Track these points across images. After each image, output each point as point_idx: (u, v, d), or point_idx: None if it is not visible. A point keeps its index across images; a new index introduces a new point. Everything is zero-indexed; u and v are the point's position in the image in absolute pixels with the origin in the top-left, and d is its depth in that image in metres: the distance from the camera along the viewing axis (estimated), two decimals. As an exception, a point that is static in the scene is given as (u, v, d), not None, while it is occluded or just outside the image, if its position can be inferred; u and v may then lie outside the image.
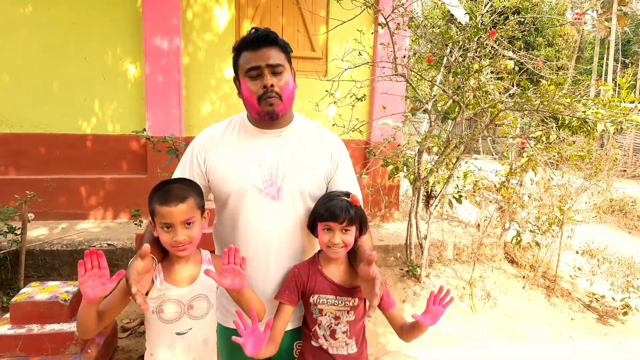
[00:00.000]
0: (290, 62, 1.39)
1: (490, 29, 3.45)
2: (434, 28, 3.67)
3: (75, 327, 2.23)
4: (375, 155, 4.30)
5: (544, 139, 4.06)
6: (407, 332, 1.37)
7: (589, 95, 3.61)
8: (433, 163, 3.97)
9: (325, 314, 1.39)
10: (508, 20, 3.74)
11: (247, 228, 1.40)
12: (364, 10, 3.49)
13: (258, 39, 1.31)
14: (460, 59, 3.47)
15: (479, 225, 4.65)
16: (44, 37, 4.40)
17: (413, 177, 3.97)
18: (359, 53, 3.68)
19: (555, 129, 3.90)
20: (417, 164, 3.84)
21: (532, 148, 3.65)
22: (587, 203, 4.44)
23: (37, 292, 2.36)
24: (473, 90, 3.35)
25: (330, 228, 1.34)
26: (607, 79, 20.59)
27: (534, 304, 3.81)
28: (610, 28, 21.51)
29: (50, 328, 2.23)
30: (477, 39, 3.42)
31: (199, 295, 1.34)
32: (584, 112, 3.20)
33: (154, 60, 4.48)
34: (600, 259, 4.08)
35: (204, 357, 1.38)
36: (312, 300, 1.39)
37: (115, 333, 2.76)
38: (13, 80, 4.43)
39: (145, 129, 3.98)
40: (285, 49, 1.36)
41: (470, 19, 3.61)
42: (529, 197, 4.32)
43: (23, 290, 2.39)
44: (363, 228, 1.39)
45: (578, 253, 4.23)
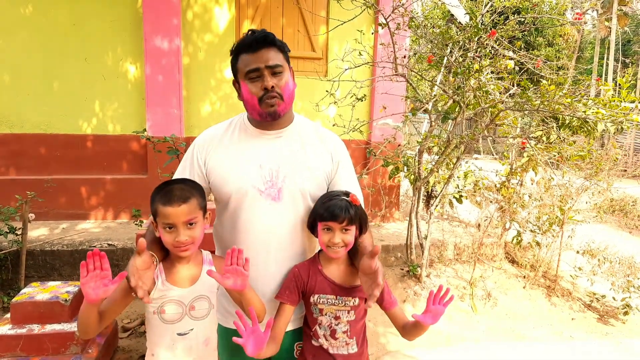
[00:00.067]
0: (289, 61, 1.39)
1: (491, 29, 3.45)
2: (434, 28, 3.67)
3: (76, 327, 2.24)
4: (376, 155, 4.30)
5: (545, 139, 4.06)
6: (409, 331, 1.37)
7: (590, 95, 3.60)
8: (433, 163, 3.97)
9: (326, 314, 1.39)
10: (508, 20, 3.74)
11: (247, 229, 1.40)
12: (364, 11, 3.49)
13: (256, 41, 1.31)
14: (461, 59, 3.47)
15: (480, 225, 4.65)
16: (45, 37, 4.41)
17: (413, 177, 3.97)
18: (359, 53, 3.68)
19: (556, 129, 3.90)
20: (417, 164, 3.84)
21: (532, 148, 3.65)
22: (587, 203, 4.44)
23: (37, 292, 2.36)
24: (473, 90, 3.35)
25: (330, 228, 1.34)
26: (607, 79, 20.58)
27: (535, 304, 3.81)
28: (611, 28, 21.50)
29: (51, 328, 2.24)
30: (477, 39, 3.41)
31: (201, 296, 1.34)
32: (585, 112, 3.20)
33: (154, 61, 4.49)
34: (601, 259, 4.08)
35: (205, 357, 1.39)
36: (312, 300, 1.40)
37: (116, 333, 2.76)
38: (13, 81, 4.43)
39: (146, 129, 3.98)
40: (283, 49, 1.36)
41: (471, 19, 3.61)
42: (530, 197, 4.32)
43: (24, 291, 2.39)
44: (363, 227, 1.39)
45: (579, 253, 4.22)
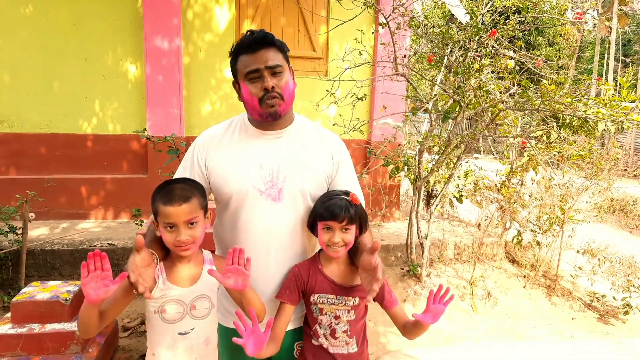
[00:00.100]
0: (288, 61, 1.39)
1: (491, 29, 3.45)
2: (435, 28, 3.67)
3: (76, 326, 2.24)
4: (376, 155, 4.30)
5: (545, 139, 4.06)
6: (409, 330, 1.37)
7: (590, 95, 3.60)
8: (434, 162, 3.97)
9: (326, 313, 1.39)
10: (508, 20, 3.74)
11: (247, 229, 1.40)
12: (365, 10, 3.49)
13: (255, 42, 1.31)
14: (461, 59, 3.47)
15: (480, 225, 4.65)
16: (45, 37, 4.41)
17: (414, 176, 3.97)
18: (360, 53, 3.68)
19: (556, 129, 3.89)
20: (417, 164, 3.84)
21: (532, 147, 3.64)
22: (588, 202, 4.43)
23: (38, 291, 2.36)
24: (474, 90, 3.35)
25: (330, 227, 1.34)
26: (607, 79, 20.57)
27: (535, 304, 3.81)
28: (611, 27, 21.48)
29: (51, 327, 2.24)
30: (477, 39, 3.41)
31: (201, 296, 1.34)
32: (585, 111, 3.20)
33: (155, 61, 4.49)
34: (601, 259, 4.08)
35: (206, 357, 1.39)
36: (312, 300, 1.40)
37: (116, 332, 2.76)
38: (14, 81, 4.43)
39: (146, 129, 3.98)
40: (283, 49, 1.36)
41: (471, 19, 3.61)
42: (530, 196, 4.31)
43: (24, 290, 2.39)
44: (363, 227, 1.39)
45: (579, 252, 4.22)
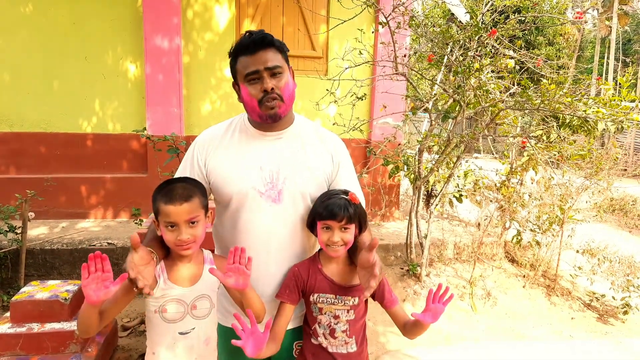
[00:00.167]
0: (288, 61, 1.38)
1: (491, 28, 3.44)
2: (435, 27, 3.67)
3: (76, 326, 2.24)
4: (376, 155, 4.30)
5: (545, 138, 4.06)
6: (410, 329, 1.37)
7: (590, 95, 3.60)
8: (433, 162, 3.96)
9: (325, 313, 1.39)
10: (509, 19, 3.73)
11: (247, 230, 1.40)
12: (365, 9, 3.48)
13: (254, 43, 1.30)
14: (461, 58, 3.47)
15: (480, 225, 4.65)
16: (45, 36, 4.40)
17: (413, 176, 3.97)
18: (360, 52, 3.67)
19: (556, 128, 3.89)
20: (417, 163, 3.84)
21: (532, 147, 3.64)
22: (587, 202, 4.43)
23: (37, 291, 2.36)
24: (474, 89, 3.35)
25: (329, 226, 1.33)
26: (607, 78, 20.56)
27: (534, 303, 3.81)
28: (611, 27, 21.47)
29: (51, 327, 2.23)
30: (477, 38, 3.41)
31: (202, 295, 1.34)
32: (585, 111, 3.19)
33: (155, 60, 4.48)
34: (601, 258, 4.08)
35: (206, 357, 1.38)
36: (312, 299, 1.40)
37: (116, 332, 2.76)
38: (13, 80, 4.43)
39: (146, 128, 3.98)
40: (282, 49, 1.35)
41: (471, 18, 3.61)
42: (530, 196, 4.31)
43: (23, 289, 2.39)
44: (362, 226, 1.39)
45: (578, 252, 4.22)
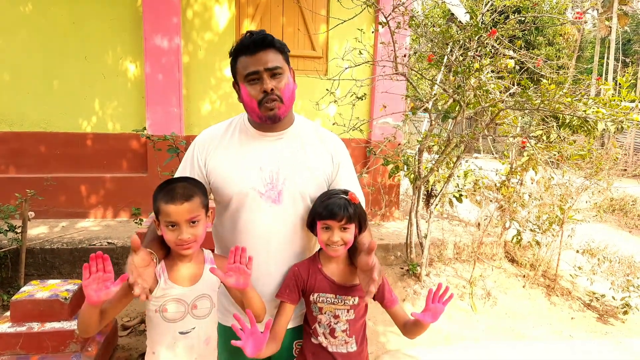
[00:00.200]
0: (289, 62, 1.38)
1: (491, 28, 3.44)
2: (435, 27, 3.67)
3: (76, 325, 2.24)
4: (376, 154, 4.30)
5: (545, 138, 4.06)
6: (410, 329, 1.37)
7: (590, 95, 3.60)
8: (433, 162, 3.96)
9: (325, 312, 1.39)
10: (508, 19, 3.73)
11: (247, 230, 1.40)
12: (365, 9, 3.48)
13: (254, 43, 1.29)
14: (461, 58, 3.47)
15: (480, 224, 4.65)
16: (44, 36, 4.40)
17: (413, 176, 3.97)
18: (360, 52, 3.68)
19: (556, 128, 3.89)
20: (417, 163, 3.84)
21: (532, 147, 3.64)
22: (587, 202, 4.43)
23: (37, 290, 2.36)
24: (473, 89, 3.35)
25: (329, 226, 1.33)
26: (607, 78, 20.57)
27: (534, 303, 3.81)
28: (611, 27, 21.47)
29: (51, 326, 2.23)
30: (477, 38, 3.41)
31: (203, 295, 1.34)
32: (585, 111, 3.19)
33: (154, 59, 4.48)
34: (601, 258, 4.08)
35: (206, 356, 1.38)
36: (312, 299, 1.40)
37: (116, 331, 2.76)
38: (13, 79, 4.42)
39: (146, 128, 3.98)
40: (283, 50, 1.35)
41: (471, 18, 3.61)
42: (530, 196, 4.31)
43: (23, 289, 2.39)
44: (362, 226, 1.39)
45: (578, 252, 4.22)
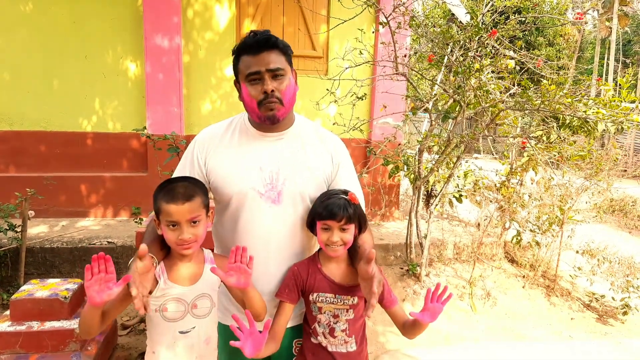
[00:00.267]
0: (291, 64, 1.38)
1: (491, 29, 3.44)
2: (435, 27, 3.67)
3: (75, 324, 2.24)
4: (376, 154, 4.30)
5: (545, 139, 4.05)
6: (409, 329, 1.37)
7: (590, 95, 3.60)
8: (433, 162, 3.96)
9: (324, 312, 1.39)
10: (509, 20, 3.73)
11: (247, 230, 1.41)
12: (365, 9, 3.48)
13: (258, 43, 1.29)
14: (461, 58, 3.47)
15: (479, 225, 4.65)
16: (45, 35, 4.40)
17: (413, 176, 3.97)
18: (360, 52, 3.68)
19: (556, 129, 3.89)
20: (417, 163, 3.84)
21: (532, 147, 3.64)
22: (587, 203, 4.43)
23: (37, 289, 2.36)
24: (474, 90, 3.35)
25: (329, 227, 1.33)
26: (607, 79, 20.55)
27: (534, 304, 3.81)
28: (611, 28, 21.47)
29: (50, 325, 2.24)
30: (478, 39, 3.41)
31: (203, 294, 1.34)
32: (585, 111, 3.19)
33: (155, 59, 4.48)
34: (600, 259, 4.08)
35: (206, 356, 1.38)
36: (311, 299, 1.40)
37: (115, 330, 2.76)
38: (14, 79, 4.42)
39: (146, 127, 3.98)
40: (286, 52, 1.34)
41: (471, 18, 3.61)
42: (530, 196, 4.31)
43: (23, 288, 2.39)
44: (362, 226, 1.39)
45: (578, 253, 4.22)
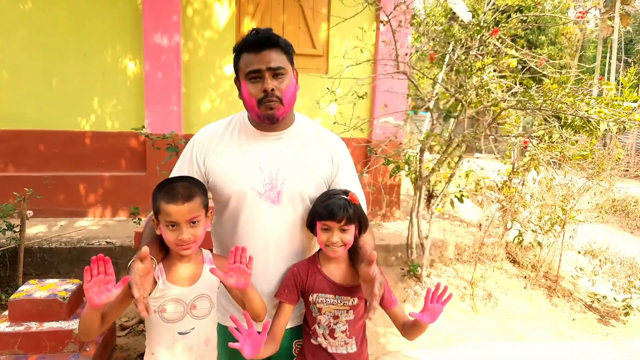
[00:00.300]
0: (292, 62, 1.37)
1: (493, 27, 3.42)
2: (436, 26, 3.65)
3: (74, 325, 2.22)
4: (377, 154, 4.28)
5: (547, 138, 4.03)
6: (409, 330, 1.36)
7: (592, 95, 3.58)
8: (435, 162, 3.95)
9: (324, 313, 1.38)
10: (511, 19, 3.71)
11: (246, 230, 1.39)
12: (366, 7, 3.47)
13: (259, 41, 1.28)
14: (463, 57, 3.45)
15: (481, 225, 4.63)
16: (44, 34, 4.39)
17: (414, 176, 3.95)
18: (361, 50, 3.66)
19: (558, 128, 3.87)
20: (418, 163, 3.82)
21: (534, 147, 3.62)
22: (589, 203, 4.41)
23: (35, 289, 2.35)
24: (475, 89, 3.33)
25: (329, 227, 1.32)
26: (609, 78, 20.53)
27: (535, 304, 3.80)
28: (613, 27, 21.43)
29: (49, 326, 2.22)
30: (479, 37, 3.39)
31: (202, 295, 1.33)
32: (587, 111, 3.17)
33: (154, 58, 4.47)
34: (602, 259, 4.06)
35: (206, 357, 1.37)
36: (311, 299, 1.38)
37: (114, 331, 2.75)
38: (13, 78, 4.41)
39: (145, 126, 3.97)
40: (287, 50, 1.33)
41: (473, 17, 3.59)
42: (531, 196, 4.29)
43: (22, 288, 2.38)
44: (363, 227, 1.38)
45: (580, 253, 4.21)
